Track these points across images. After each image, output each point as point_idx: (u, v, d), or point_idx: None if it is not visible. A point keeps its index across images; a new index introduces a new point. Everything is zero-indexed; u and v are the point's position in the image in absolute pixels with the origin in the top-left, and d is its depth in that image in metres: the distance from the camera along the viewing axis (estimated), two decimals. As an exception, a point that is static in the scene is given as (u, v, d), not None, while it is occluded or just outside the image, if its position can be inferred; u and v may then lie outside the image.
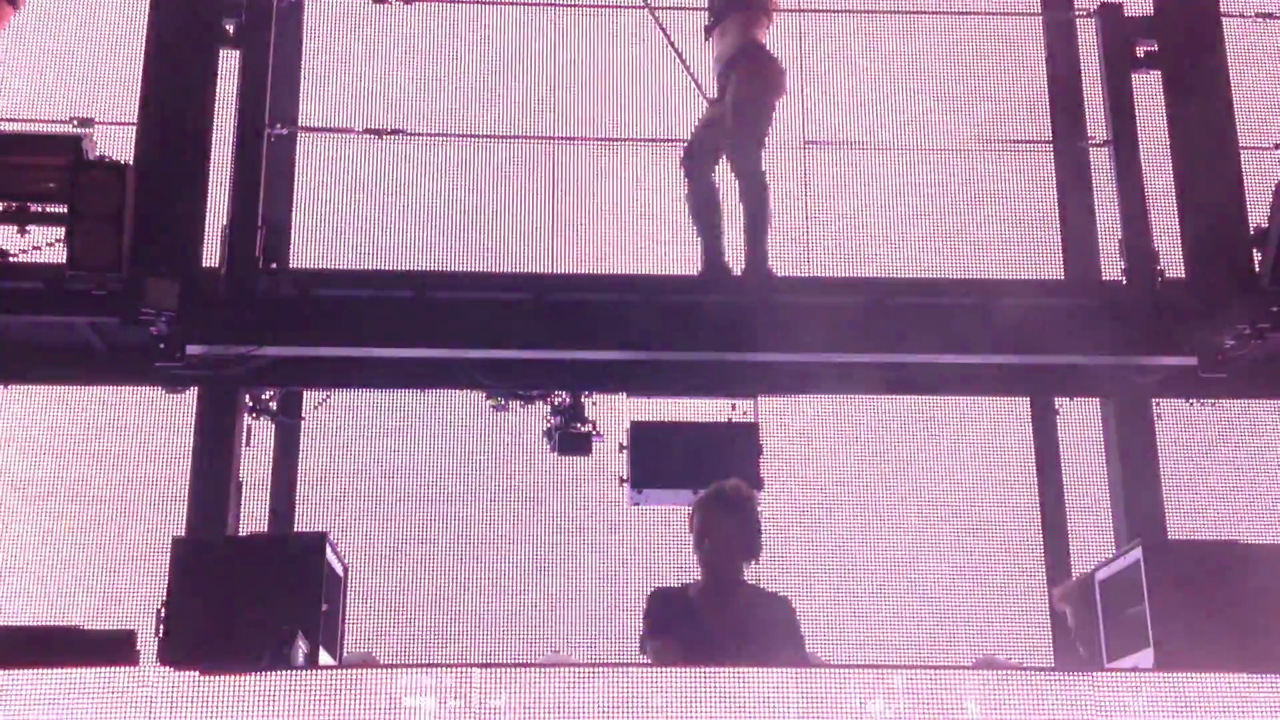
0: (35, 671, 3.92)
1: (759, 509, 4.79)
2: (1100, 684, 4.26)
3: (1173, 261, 5.86)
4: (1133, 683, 4.23)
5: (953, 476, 6.17)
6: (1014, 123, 6.35)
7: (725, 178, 6.00)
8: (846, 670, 4.41)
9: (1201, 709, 4.07)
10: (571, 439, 6.07)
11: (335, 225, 6.17)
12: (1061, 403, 6.16)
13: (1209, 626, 4.48)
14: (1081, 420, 6.16)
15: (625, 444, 5.99)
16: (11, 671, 3.90)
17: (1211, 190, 5.78)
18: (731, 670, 4.27)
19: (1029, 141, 6.35)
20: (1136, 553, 4.80)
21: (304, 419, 6.20)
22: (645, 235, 6.25)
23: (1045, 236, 6.18)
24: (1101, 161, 6.16)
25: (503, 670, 4.27)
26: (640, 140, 6.29)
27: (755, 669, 4.31)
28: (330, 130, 6.25)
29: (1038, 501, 6.07)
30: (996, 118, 6.36)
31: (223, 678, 3.88)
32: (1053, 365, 5.88)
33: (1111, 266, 6.00)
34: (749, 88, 5.88)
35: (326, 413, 6.24)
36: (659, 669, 4.41)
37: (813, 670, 4.43)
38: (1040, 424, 6.13)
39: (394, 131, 6.23)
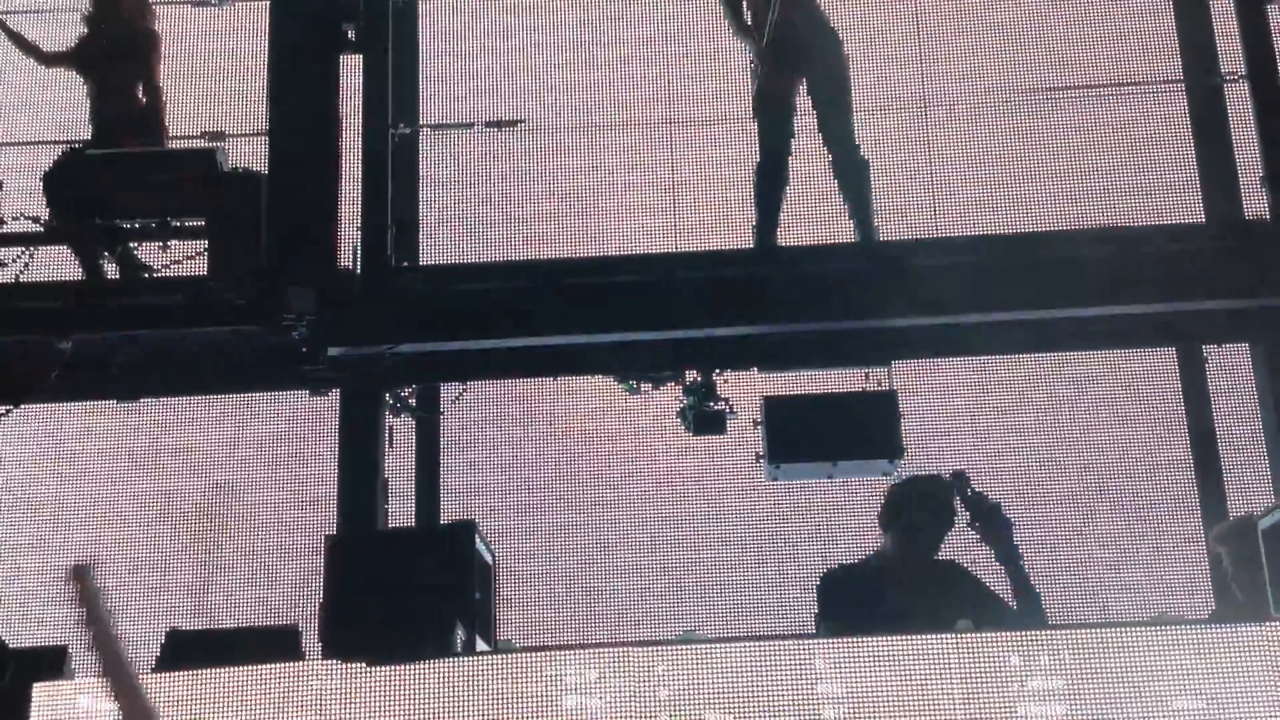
0: (212, 672, 4.07)
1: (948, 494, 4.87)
2: (1270, 635, 4.14)
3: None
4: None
5: (1100, 432, 6.03)
6: (1142, 63, 6.17)
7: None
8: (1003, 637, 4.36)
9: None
10: (706, 418, 6.05)
11: (463, 220, 6.26)
12: (1209, 350, 5.97)
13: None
14: (1231, 367, 5.97)
15: (759, 420, 5.96)
16: (190, 673, 4.05)
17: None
18: (890, 639, 4.25)
19: (1158, 82, 6.16)
20: (1301, 497, 4.65)
21: (443, 413, 6.29)
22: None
23: (1182, 179, 5.99)
24: (1236, 97, 5.95)
25: (661, 648, 4.31)
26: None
27: (907, 637, 4.28)
28: (452, 126, 6.33)
29: (1190, 453, 5.90)
30: (1123, 58, 6.18)
31: (389, 668, 3.99)
32: (1197, 311, 5.70)
33: (1253, 205, 5.80)
34: (842, 52, 5.87)
35: (464, 406, 6.34)
36: (820, 641, 4.41)
37: (978, 637, 4.38)
38: (1188, 373, 5.96)
39: (514, 123, 6.29)
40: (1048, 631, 4.33)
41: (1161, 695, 4.01)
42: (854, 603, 4.65)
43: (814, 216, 6.15)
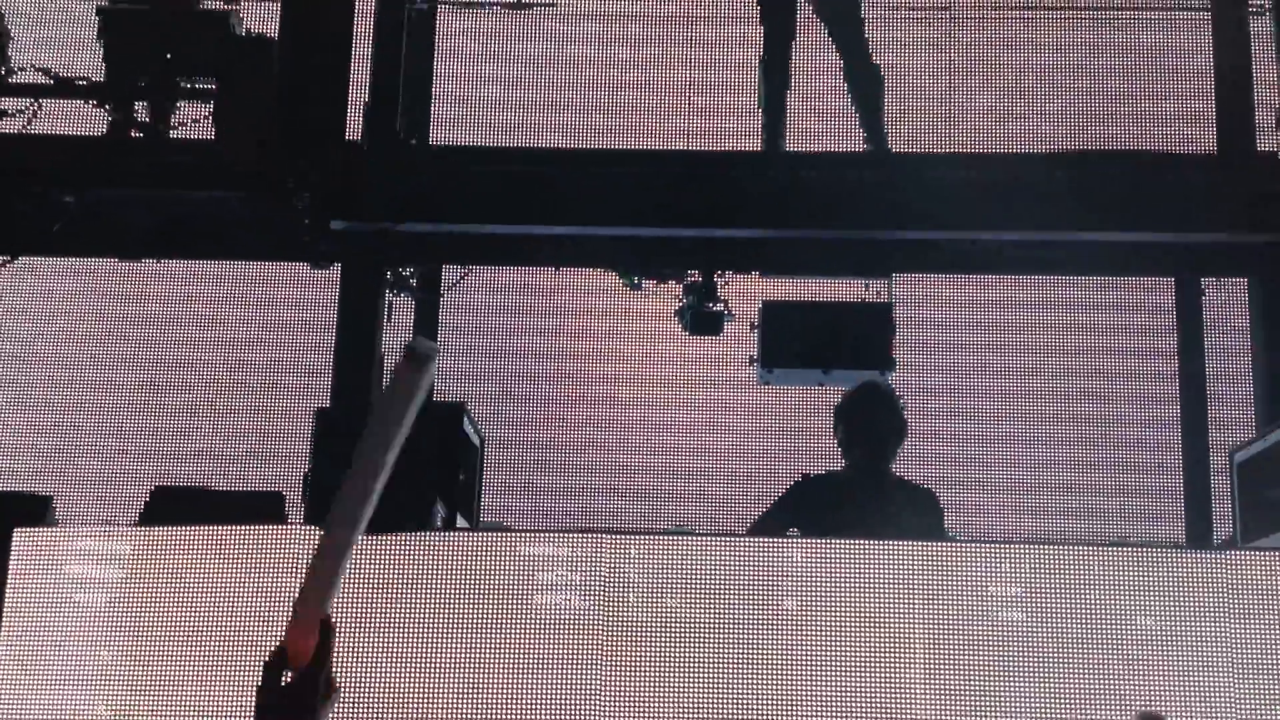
0: (195, 529, 4.16)
1: (898, 405, 4.94)
2: (1236, 561, 4.22)
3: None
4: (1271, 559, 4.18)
5: (1092, 357, 6.07)
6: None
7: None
8: (977, 546, 4.45)
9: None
10: (703, 318, 6.09)
11: (476, 102, 6.23)
12: (1208, 283, 5.97)
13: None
14: (1227, 302, 5.98)
15: (756, 323, 5.99)
16: (171, 528, 4.14)
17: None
18: (856, 542, 4.33)
19: (1184, 9, 6.08)
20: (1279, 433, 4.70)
21: (443, 296, 6.33)
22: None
23: (1200, 108, 5.93)
24: (1263, 30, 5.87)
25: (632, 538, 4.39)
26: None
27: (883, 542, 4.37)
28: (471, 4, 6.28)
29: (1177, 383, 5.94)
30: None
31: (368, 537, 4.07)
32: (1199, 243, 5.69)
33: (1265, 141, 5.76)
34: None
35: (464, 289, 6.37)
36: (785, 540, 4.51)
37: (945, 545, 4.48)
38: (1185, 304, 5.97)
39: (536, 4, 6.24)
40: (1014, 546, 4.40)
41: (1117, 614, 4.09)
42: (813, 509, 4.74)
43: (826, 124, 6.12)
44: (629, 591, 4.12)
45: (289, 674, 1.89)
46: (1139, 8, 6.12)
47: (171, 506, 4.20)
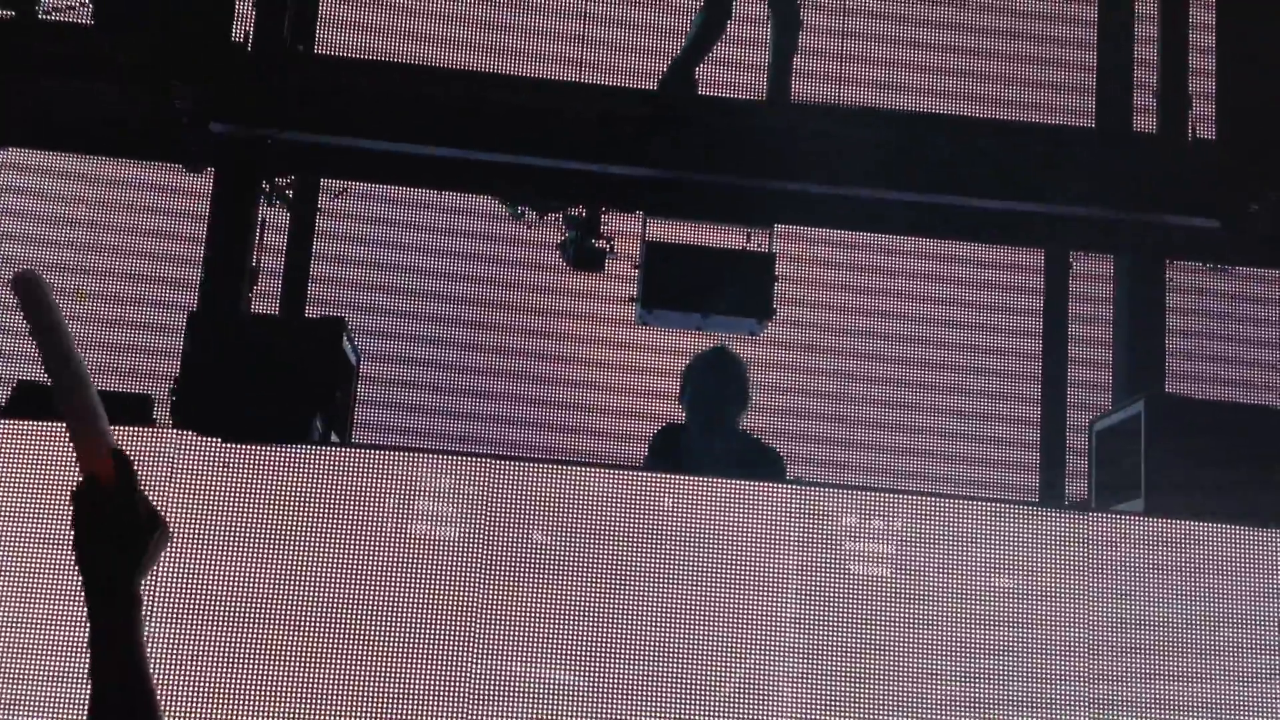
0: (52, 424, 4.01)
1: (746, 369, 5.17)
2: (1091, 521, 4.41)
3: (1207, 122, 5.81)
4: (1121, 523, 4.38)
5: (961, 322, 6.23)
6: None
7: None
8: (834, 490, 4.56)
9: (1186, 549, 4.22)
10: (587, 254, 6.07)
11: (367, 10, 6.07)
12: (1075, 257, 6.17)
13: (1202, 480, 4.60)
14: (1092, 276, 6.19)
15: (638, 263, 6.00)
16: (28, 422, 3.99)
17: (1252, 50, 5.70)
18: (735, 481, 4.40)
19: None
20: (1138, 405, 4.90)
21: (321, 209, 6.19)
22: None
23: (1079, 83, 6.11)
24: (1147, 10, 6.06)
25: (508, 461, 4.39)
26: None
27: (755, 482, 4.46)
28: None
29: (1041, 353, 6.14)
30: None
31: (239, 447, 3.98)
32: (1070, 216, 5.87)
33: (1144, 120, 5.95)
34: None
35: (342, 205, 6.23)
36: (665, 475, 4.57)
37: (804, 485, 4.60)
38: (1052, 276, 6.16)
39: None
40: (881, 494, 4.52)
41: (976, 567, 4.23)
42: (667, 456, 4.90)
43: (730, 68, 6.13)
44: (496, 514, 4.12)
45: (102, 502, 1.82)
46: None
47: (34, 402, 4.04)
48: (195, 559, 3.68)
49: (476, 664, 3.82)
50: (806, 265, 6.30)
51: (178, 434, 3.93)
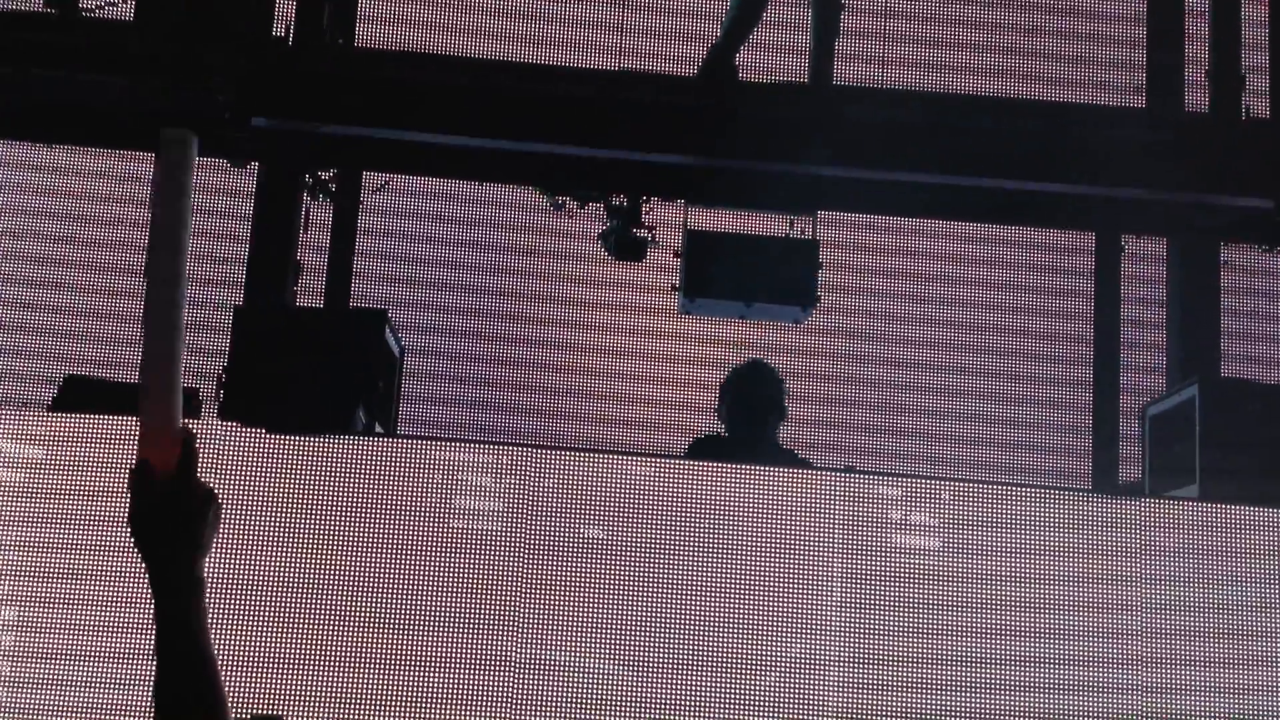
0: (108, 417, 4.03)
1: (783, 383, 5.25)
2: (1146, 508, 4.33)
3: (1261, 102, 5.70)
4: (1177, 509, 4.30)
5: (1012, 306, 6.15)
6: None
7: None
8: (887, 478, 4.52)
9: (1240, 536, 4.13)
10: (627, 244, 6.05)
11: (405, 4, 6.06)
12: (1127, 240, 6.08)
13: (1257, 464, 4.52)
14: (1146, 259, 6.09)
15: (679, 252, 5.96)
16: (86, 416, 4.01)
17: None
18: (777, 470, 4.37)
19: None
20: (1192, 389, 4.82)
21: (363, 203, 6.20)
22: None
23: (1131, 61, 6.00)
24: (1197, -10, 5.96)
25: (551, 452, 4.37)
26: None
27: (800, 470, 4.42)
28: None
29: (1093, 336, 6.05)
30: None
31: (286, 437, 3.99)
32: (1123, 198, 5.77)
33: (1197, 101, 5.85)
34: None
35: (385, 198, 6.24)
36: (704, 464, 4.54)
37: (854, 475, 4.56)
38: (1104, 259, 6.06)
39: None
40: (928, 483, 4.47)
41: (1025, 554, 4.17)
42: None
43: (764, 54, 6.08)
44: (543, 506, 4.10)
45: (156, 486, 1.81)
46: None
47: (83, 396, 4.07)
48: (238, 551, 3.68)
49: (521, 649, 3.80)
50: (850, 251, 6.24)
51: (223, 425, 3.93)
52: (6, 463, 3.84)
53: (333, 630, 3.73)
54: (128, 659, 3.59)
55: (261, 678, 3.68)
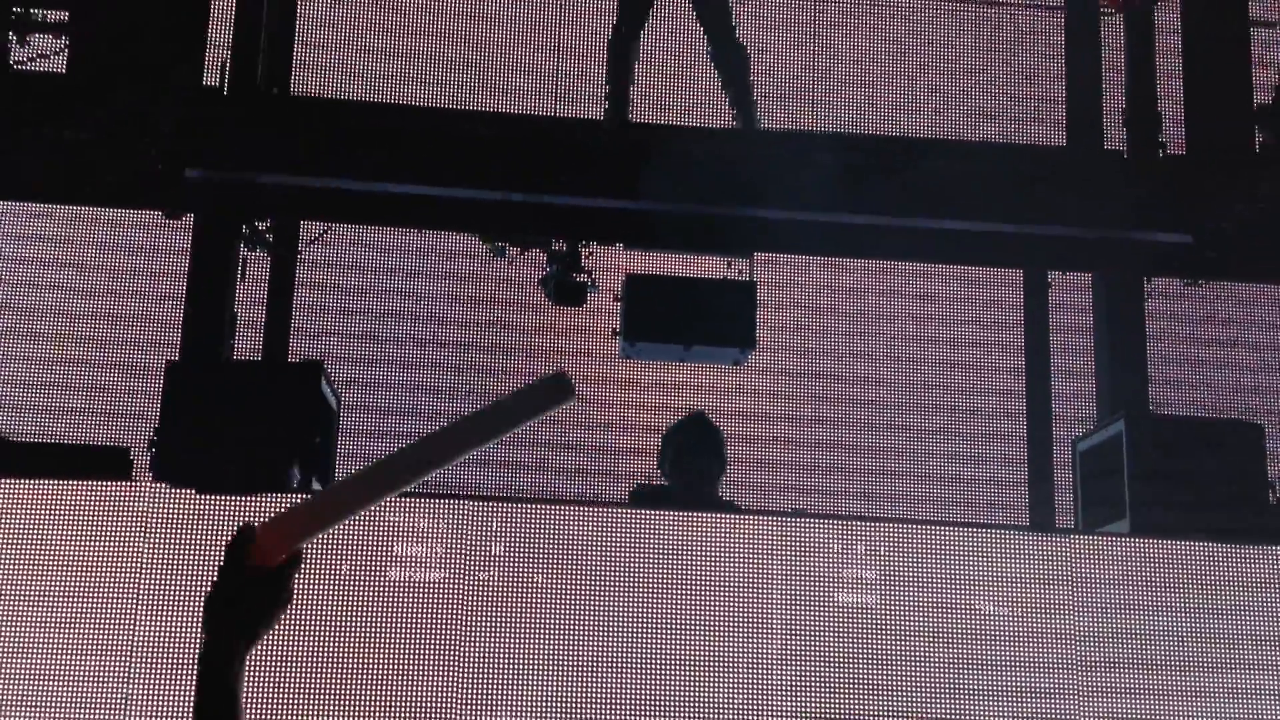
0: (35, 483, 3.99)
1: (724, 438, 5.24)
2: (1077, 544, 4.40)
3: (1176, 138, 5.84)
4: (1108, 544, 4.38)
5: (943, 343, 6.23)
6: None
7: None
8: (829, 520, 4.56)
9: (1171, 572, 4.21)
10: (567, 288, 6.08)
11: (340, 53, 6.09)
12: (1054, 276, 6.18)
13: (1186, 499, 4.61)
14: (1073, 293, 6.20)
15: (619, 296, 6.00)
16: (11, 481, 3.97)
17: (1218, 67, 5.74)
18: (721, 515, 4.39)
19: (1039, 5, 6.29)
20: (1119, 424, 4.90)
21: (300, 253, 6.18)
22: (659, 83, 6.18)
23: (1050, 104, 6.14)
24: (1113, 31, 6.10)
25: (493, 504, 4.38)
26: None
27: (744, 513, 4.45)
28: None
29: (1024, 371, 6.14)
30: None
31: (218, 497, 3.97)
32: (1047, 235, 5.89)
33: (1115, 139, 5.98)
34: None
35: (322, 248, 6.23)
36: (650, 513, 4.55)
37: (797, 519, 4.60)
38: (1032, 295, 6.17)
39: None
40: (867, 523, 4.51)
41: (964, 594, 4.22)
42: None
43: (692, 98, 6.16)
44: (486, 559, 4.10)
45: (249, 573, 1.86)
46: (996, 2, 6.29)
47: (14, 458, 4.03)
48: (166, 623, 3.66)
49: (462, 698, 3.80)
50: (786, 290, 6.31)
51: (153, 487, 3.91)
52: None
53: (272, 699, 3.72)
54: None
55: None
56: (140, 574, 3.78)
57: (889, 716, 4.05)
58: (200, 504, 3.81)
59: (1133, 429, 4.77)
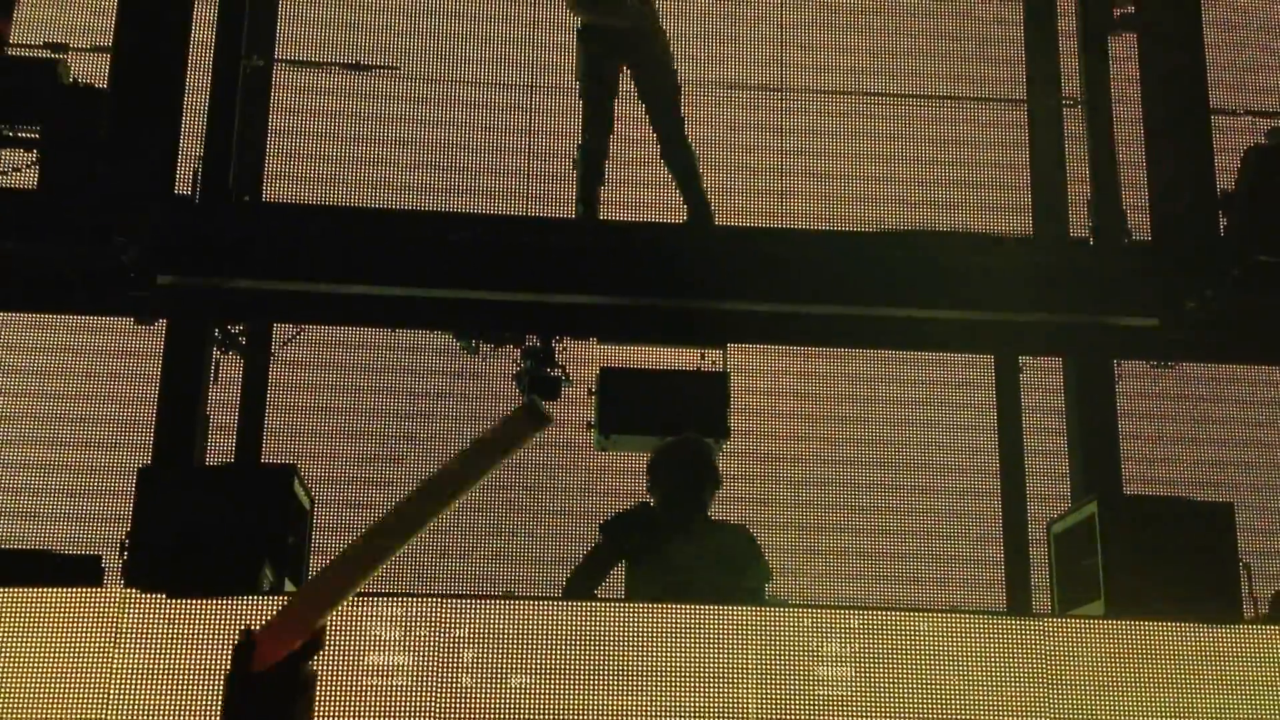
0: (4, 591, 3.95)
1: (716, 455, 5.14)
2: (1054, 629, 4.37)
3: (1141, 224, 5.93)
4: (1085, 628, 4.35)
5: (918, 429, 6.25)
6: (988, 78, 6.40)
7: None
8: (804, 610, 4.52)
9: (1149, 654, 4.18)
10: (541, 383, 6.09)
11: (312, 159, 6.16)
12: (1025, 361, 6.23)
13: (1159, 579, 4.59)
14: (1044, 377, 6.24)
15: (594, 389, 6.02)
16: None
17: (1181, 154, 5.85)
18: (691, 608, 4.36)
19: (1003, 99, 6.40)
20: (1092, 506, 4.91)
21: (273, 355, 6.20)
22: (626, 181, 6.27)
23: (1016, 193, 6.24)
24: (1076, 122, 6.22)
25: (465, 601, 4.33)
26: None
27: (714, 608, 4.40)
28: (308, 64, 6.23)
29: (998, 456, 6.15)
30: (971, 72, 6.41)
31: (188, 601, 3.92)
32: (1018, 322, 5.94)
33: (1080, 226, 6.07)
34: (669, 48, 5.96)
35: (296, 349, 6.24)
36: (620, 604, 4.51)
37: (772, 610, 4.55)
38: (1003, 380, 6.20)
39: (369, 67, 6.22)
40: (841, 611, 4.48)
41: (941, 683, 4.19)
42: (640, 534, 4.87)
43: (665, 195, 6.23)
44: (458, 655, 4.06)
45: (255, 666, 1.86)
46: (960, 97, 6.42)
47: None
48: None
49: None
50: (761, 378, 6.33)
51: (123, 593, 3.87)
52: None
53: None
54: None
55: None
56: (109, 681, 3.73)
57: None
58: (171, 609, 3.77)
59: (1105, 510, 4.78)
